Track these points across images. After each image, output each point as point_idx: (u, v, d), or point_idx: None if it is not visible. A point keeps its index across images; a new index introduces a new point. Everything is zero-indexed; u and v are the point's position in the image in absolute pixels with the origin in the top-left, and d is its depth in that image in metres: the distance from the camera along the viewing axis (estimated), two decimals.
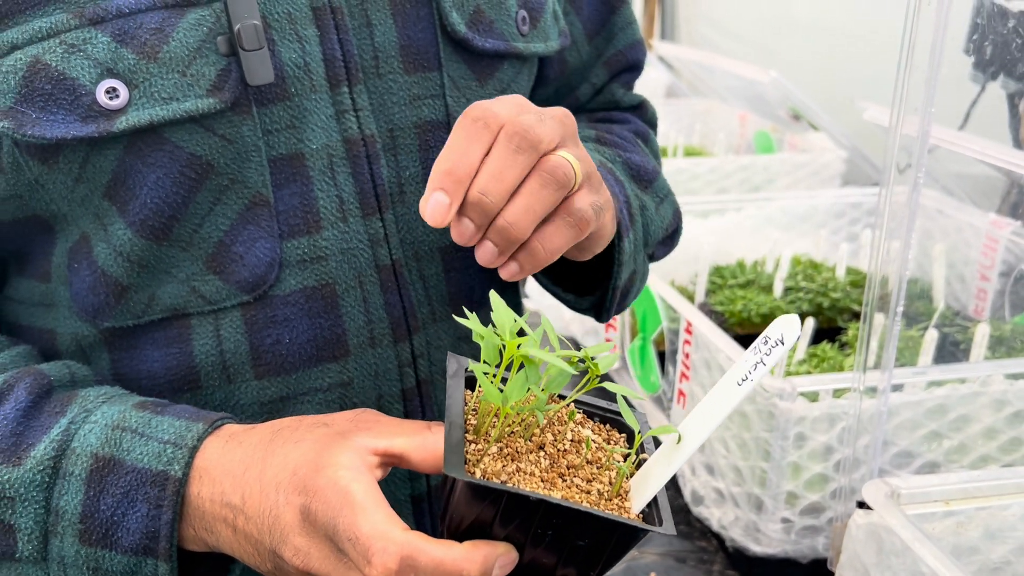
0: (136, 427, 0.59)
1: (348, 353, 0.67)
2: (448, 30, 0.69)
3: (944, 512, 0.94)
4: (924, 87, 0.97)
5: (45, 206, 0.63)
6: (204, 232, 0.63)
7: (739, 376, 0.53)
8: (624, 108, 0.91)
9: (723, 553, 1.30)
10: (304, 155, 0.64)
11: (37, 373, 0.62)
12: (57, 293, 0.66)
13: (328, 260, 0.65)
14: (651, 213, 0.79)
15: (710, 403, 0.54)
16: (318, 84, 0.64)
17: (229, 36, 0.60)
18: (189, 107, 0.59)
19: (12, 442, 0.58)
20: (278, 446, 0.56)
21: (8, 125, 0.58)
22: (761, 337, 0.53)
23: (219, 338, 0.65)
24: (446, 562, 0.49)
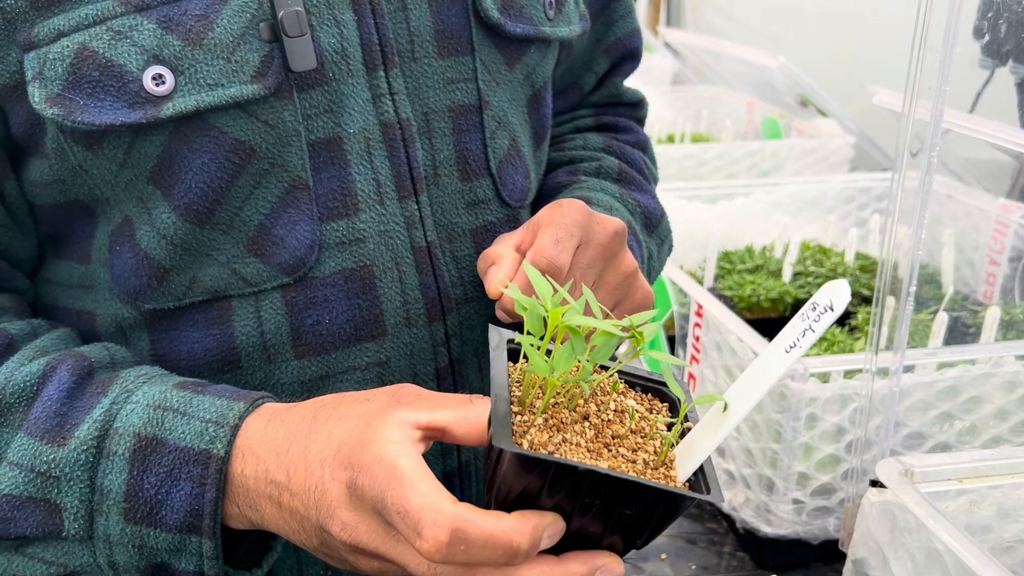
0: (178, 406, 0.60)
1: (385, 333, 0.68)
2: (481, 15, 0.70)
3: (957, 491, 0.94)
4: (938, 70, 0.97)
5: (88, 191, 0.64)
6: (245, 215, 0.64)
7: (787, 343, 0.52)
8: (625, 103, 0.94)
9: (733, 534, 1.31)
10: (342, 139, 0.65)
11: (78, 355, 0.63)
12: (97, 275, 0.67)
13: (366, 242, 0.67)
14: (655, 261, 0.84)
15: (756, 370, 0.53)
16: (355, 68, 0.65)
17: (272, 23, 0.61)
18: (234, 93, 0.61)
19: (56, 422, 0.59)
20: (321, 422, 0.56)
21: (57, 112, 0.59)
22: (809, 303, 0.53)
23: (260, 319, 0.66)
24: (496, 533, 0.49)
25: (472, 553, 0.49)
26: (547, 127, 0.82)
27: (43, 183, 0.64)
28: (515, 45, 0.73)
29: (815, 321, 0.52)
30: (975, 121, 1.18)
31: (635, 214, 0.81)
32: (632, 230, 0.78)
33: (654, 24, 3.40)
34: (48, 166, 0.63)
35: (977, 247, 1.61)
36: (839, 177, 1.93)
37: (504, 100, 0.74)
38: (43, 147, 0.62)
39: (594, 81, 0.91)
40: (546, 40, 0.76)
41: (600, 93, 0.93)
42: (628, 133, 0.92)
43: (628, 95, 0.94)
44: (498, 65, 0.73)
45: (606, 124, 0.92)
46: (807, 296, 1.54)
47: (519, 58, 0.74)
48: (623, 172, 0.86)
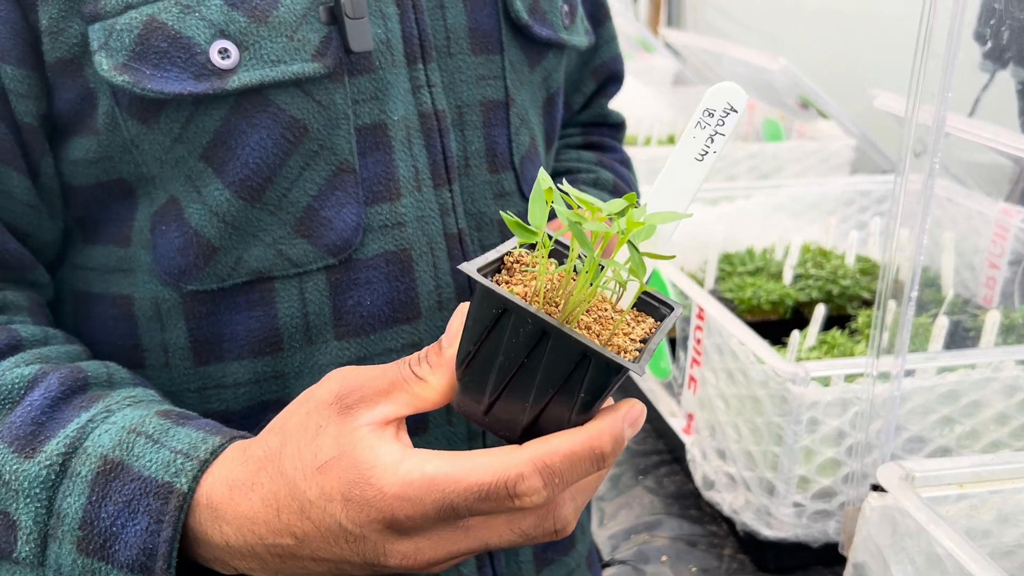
0: (152, 433, 0.56)
1: (420, 315, 0.70)
2: (512, 16, 0.74)
3: (958, 495, 0.95)
4: (941, 74, 0.97)
5: (134, 168, 0.65)
6: (293, 196, 0.66)
7: (695, 152, 0.51)
8: (610, 124, 1.00)
9: (734, 537, 1.31)
10: (387, 126, 0.68)
11: (75, 368, 0.61)
12: (137, 257, 0.67)
13: (406, 227, 0.69)
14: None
15: (670, 187, 0.51)
16: (397, 59, 0.68)
17: (330, 6, 0.63)
18: (296, 70, 0.63)
19: (31, 431, 0.57)
20: (299, 479, 0.52)
21: (128, 79, 0.60)
22: (703, 110, 0.50)
23: (304, 300, 0.67)
24: (578, 449, 0.48)
25: (568, 477, 0.48)
26: (557, 131, 0.85)
27: (87, 161, 0.64)
28: (538, 48, 0.77)
29: (720, 125, 0.50)
30: (976, 125, 1.19)
31: None
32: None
33: (655, 24, 3.40)
34: (96, 142, 0.63)
35: (977, 251, 1.62)
36: (840, 180, 1.93)
37: (526, 99, 0.77)
38: (93, 123, 0.63)
39: (582, 101, 0.96)
40: (563, 46, 0.80)
41: (587, 113, 0.98)
42: (614, 152, 0.97)
43: (612, 116, 1.00)
44: (522, 65, 0.76)
45: (594, 143, 0.97)
46: (808, 299, 1.54)
47: (539, 61, 0.78)
48: (617, 186, 0.90)
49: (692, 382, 1.43)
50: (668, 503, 1.40)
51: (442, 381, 0.52)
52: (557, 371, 0.49)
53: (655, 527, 1.34)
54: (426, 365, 0.52)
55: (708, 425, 1.35)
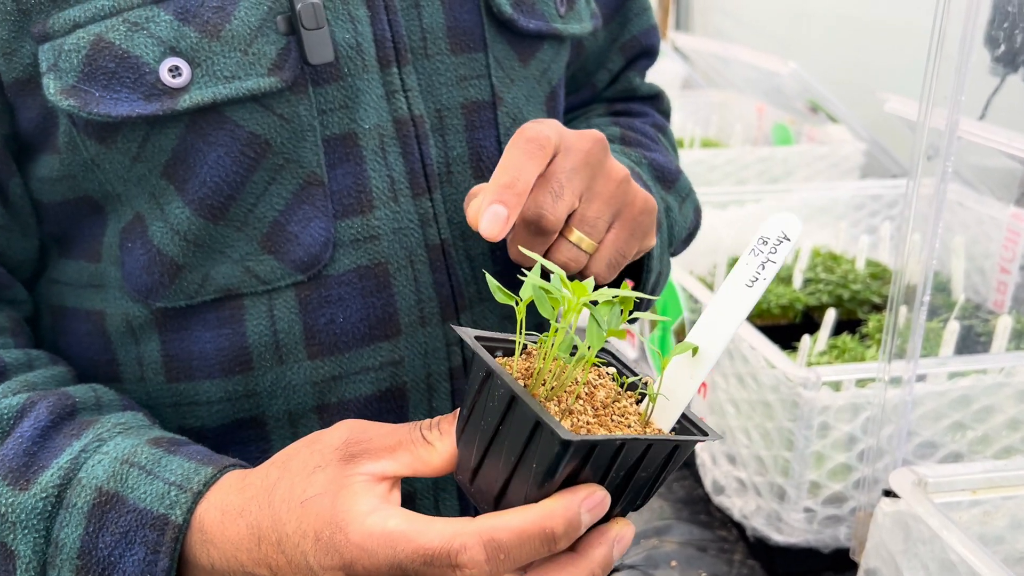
0: (145, 463, 0.57)
1: (399, 332, 0.67)
2: (494, 11, 0.70)
3: (970, 501, 0.94)
4: (954, 77, 0.97)
5: (99, 186, 0.63)
6: (259, 212, 0.63)
7: (747, 278, 0.51)
8: (641, 98, 0.92)
9: (744, 542, 1.30)
10: (357, 135, 0.65)
11: (62, 394, 0.61)
12: (107, 273, 0.67)
13: (380, 240, 0.66)
14: (675, 214, 0.80)
15: (719, 310, 0.52)
16: (369, 64, 0.65)
17: (288, 15, 0.61)
18: (251, 86, 0.60)
19: (24, 462, 0.57)
20: (283, 512, 0.53)
21: (73, 103, 0.58)
22: (758, 238, 0.52)
23: (273, 318, 0.65)
24: (527, 527, 0.47)
25: (515, 555, 0.47)
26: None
27: (52, 179, 0.63)
28: (528, 41, 0.73)
29: (772, 253, 0.51)
30: (988, 129, 1.18)
31: (641, 165, 0.78)
32: (634, 172, 0.74)
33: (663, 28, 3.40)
34: (59, 161, 0.62)
35: (988, 255, 1.61)
36: (850, 184, 1.93)
37: (520, 97, 0.73)
38: (54, 142, 0.61)
39: (608, 79, 0.90)
40: (558, 36, 0.75)
41: (614, 89, 0.91)
42: (643, 117, 0.89)
43: (644, 89, 0.92)
44: (512, 62, 0.72)
45: (618, 111, 0.90)
46: (818, 303, 1.54)
47: (533, 54, 0.74)
48: (626, 136, 0.83)
49: (702, 386, 1.43)
50: (678, 508, 1.39)
51: (448, 448, 0.53)
52: (518, 440, 0.49)
53: (664, 532, 1.33)
54: (436, 431, 0.54)
55: (718, 429, 1.35)
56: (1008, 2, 1.06)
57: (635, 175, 0.75)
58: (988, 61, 1.47)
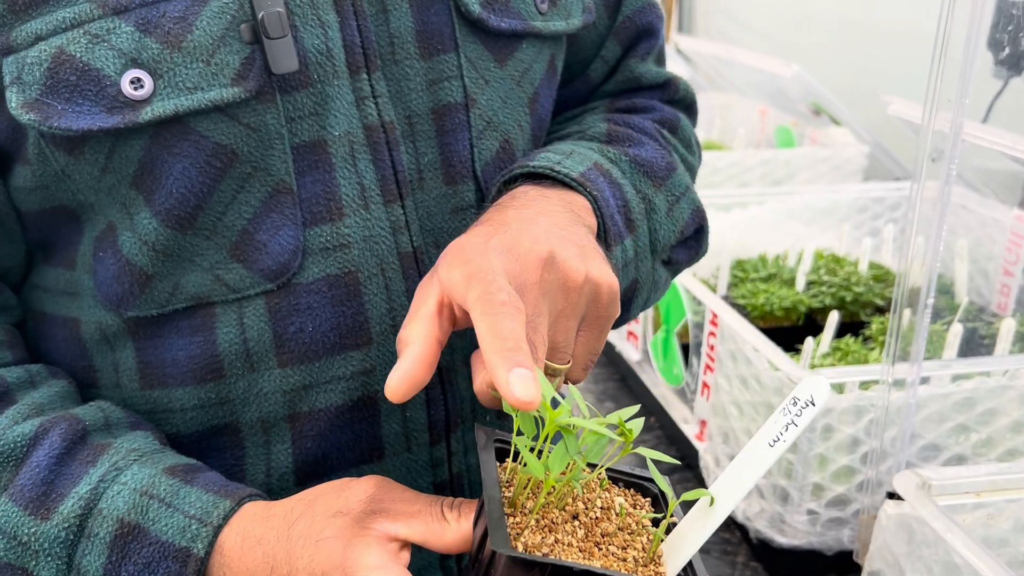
0: (164, 496, 0.59)
1: (370, 341, 0.67)
2: (463, 11, 0.68)
3: (974, 504, 0.94)
4: (958, 80, 0.97)
5: (72, 196, 0.63)
6: (228, 220, 0.63)
7: (771, 437, 0.53)
8: (647, 87, 0.85)
9: (747, 544, 1.31)
10: (327, 142, 0.64)
11: (72, 419, 0.62)
12: (82, 282, 0.66)
13: (351, 248, 0.65)
14: (660, 216, 0.75)
15: (741, 465, 0.54)
16: (339, 70, 0.64)
17: (252, 23, 0.59)
18: (214, 96, 0.59)
19: (42, 491, 0.59)
20: (298, 545, 0.56)
21: (34, 117, 0.58)
22: (789, 398, 0.53)
23: (243, 326, 0.65)
24: None
25: None
26: (546, 124, 0.79)
27: (27, 189, 0.63)
28: (503, 41, 0.70)
29: (797, 416, 0.53)
30: (991, 132, 1.18)
31: (618, 161, 0.74)
32: (601, 171, 0.71)
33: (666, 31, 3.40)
34: (31, 172, 0.62)
35: (991, 258, 1.61)
36: (853, 186, 1.93)
37: (495, 99, 0.71)
38: (25, 153, 0.61)
39: (605, 70, 0.84)
40: (537, 35, 0.72)
41: (614, 81, 0.85)
42: (648, 112, 0.82)
43: (648, 77, 0.84)
44: (486, 62, 0.70)
45: (620, 107, 0.83)
46: (820, 305, 1.54)
47: (510, 54, 0.71)
48: (613, 132, 0.77)
49: (705, 388, 1.43)
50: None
51: (462, 531, 0.55)
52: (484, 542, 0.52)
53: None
54: (456, 512, 0.56)
55: (721, 431, 1.35)
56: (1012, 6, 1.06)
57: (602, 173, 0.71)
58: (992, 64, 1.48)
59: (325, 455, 0.68)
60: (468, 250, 0.58)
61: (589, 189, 0.68)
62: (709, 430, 1.38)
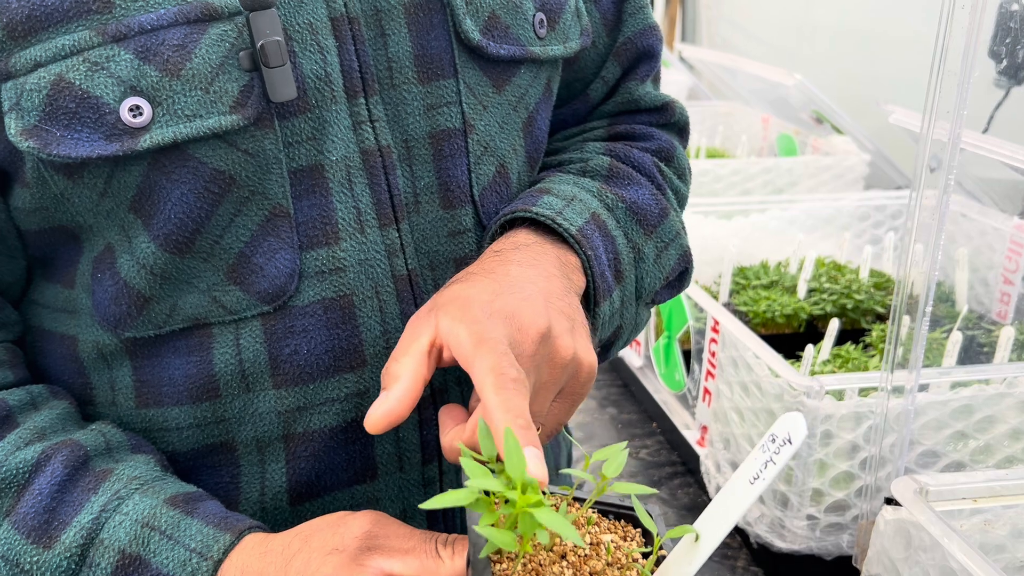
0: (165, 528, 0.60)
1: (365, 363, 0.67)
2: (462, 37, 0.68)
3: (972, 510, 0.95)
4: (956, 90, 0.98)
5: (71, 217, 0.63)
6: (225, 243, 0.63)
7: (751, 475, 0.54)
8: (645, 109, 0.86)
9: (747, 549, 1.31)
10: (324, 167, 0.64)
11: (74, 444, 0.63)
12: (80, 300, 0.67)
13: (346, 271, 0.66)
14: (648, 264, 0.76)
15: (723, 502, 0.55)
16: (337, 95, 0.64)
17: (252, 51, 0.60)
18: (212, 124, 0.59)
19: (45, 519, 0.60)
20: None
21: (33, 145, 0.58)
22: (768, 435, 0.54)
23: (239, 348, 0.65)
24: None
25: None
26: (542, 148, 0.79)
27: (27, 210, 0.64)
28: (502, 67, 0.71)
29: (775, 453, 0.54)
30: (991, 141, 1.20)
31: (615, 208, 0.75)
32: (598, 223, 0.72)
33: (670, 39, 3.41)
34: (30, 194, 0.62)
35: (991, 266, 1.62)
36: (854, 195, 1.94)
37: (492, 125, 0.72)
38: (23, 176, 0.61)
39: (604, 90, 0.85)
40: (536, 60, 0.73)
41: (613, 102, 0.85)
42: (646, 140, 0.83)
43: (647, 100, 0.85)
44: (484, 88, 0.71)
45: (619, 133, 0.84)
46: (822, 312, 1.55)
47: (508, 80, 0.72)
48: (614, 169, 0.78)
49: (706, 394, 1.44)
50: (682, 515, 1.40)
51: (455, 568, 0.56)
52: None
53: None
54: (450, 549, 0.57)
55: (722, 437, 1.36)
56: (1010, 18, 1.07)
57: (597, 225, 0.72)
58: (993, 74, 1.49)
59: (319, 475, 0.69)
60: (474, 308, 0.59)
61: (584, 248, 0.69)
62: (710, 436, 1.39)
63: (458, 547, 0.57)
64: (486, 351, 0.56)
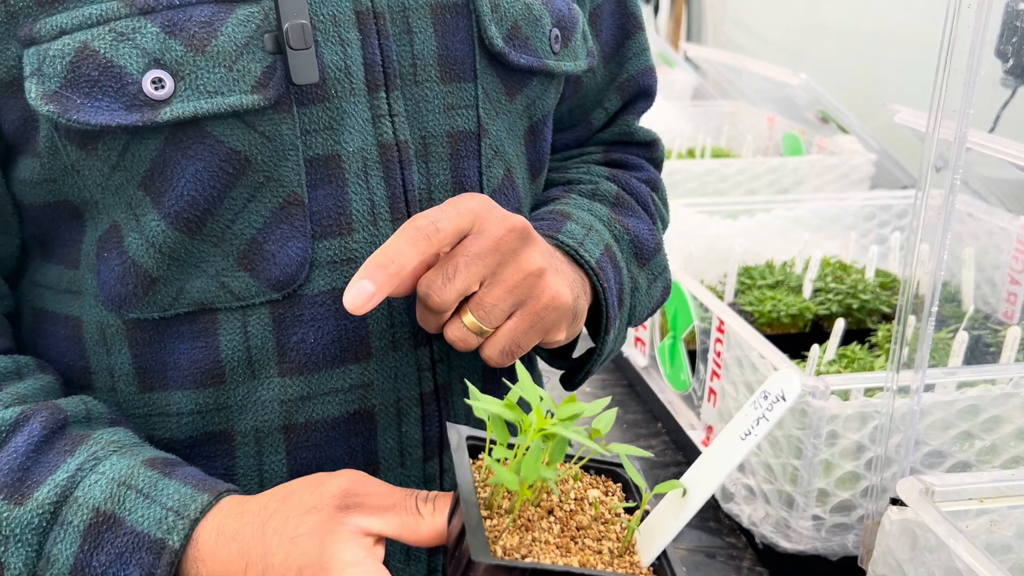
0: (142, 487, 0.59)
1: (370, 355, 0.67)
2: (486, 43, 0.70)
3: (977, 510, 0.95)
4: (962, 90, 0.98)
5: (78, 192, 0.64)
6: (237, 228, 0.64)
7: (742, 431, 0.54)
8: (637, 142, 0.92)
9: (752, 550, 1.31)
10: (340, 157, 0.65)
11: (54, 408, 0.62)
12: (85, 281, 0.67)
13: (357, 262, 0.66)
14: (641, 294, 0.80)
15: (713, 457, 0.54)
16: (357, 87, 0.65)
17: (276, 34, 0.60)
18: (233, 102, 0.60)
19: (18, 477, 0.59)
20: (273, 542, 0.56)
21: (53, 109, 0.58)
22: (760, 392, 0.54)
23: (246, 334, 0.65)
24: None
25: None
26: (544, 161, 0.81)
27: (33, 182, 0.64)
28: (518, 76, 0.73)
29: (768, 410, 0.53)
30: (998, 141, 1.19)
31: (621, 240, 0.79)
32: (610, 255, 0.76)
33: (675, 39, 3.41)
34: (39, 164, 0.62)
35: (998, 266, 1.62)
36: (860, 194, 1.94)
37: (502, 130, 0.73)
38: (35, 145, 0.62)
39: (604, 118, 0.90)
40: (550, 73, 0.75)
41: (611, 131, 0.91)
42: (638, 171, 0.90)
43: (640, 134, 0.92)
44: (499, 95, 0.72)
45: (615, 160, 0.90)
46: (827, 312, 1.55)
47: (520, 89, 0.74)
48: (620, 198, 0.83)
49: (711, 394, 1.43)
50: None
51: (436, 524, 0.56)
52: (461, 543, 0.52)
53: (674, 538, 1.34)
54: (431, 505, 0.57)
55: None
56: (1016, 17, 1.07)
57: (609, 257, 0.75)
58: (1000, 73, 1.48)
59: (319, 467, 0.69)
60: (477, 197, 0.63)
61: (600, 280, 0.72)
62: (715, 435, 1.39)
63: (439, 504, 0.57)
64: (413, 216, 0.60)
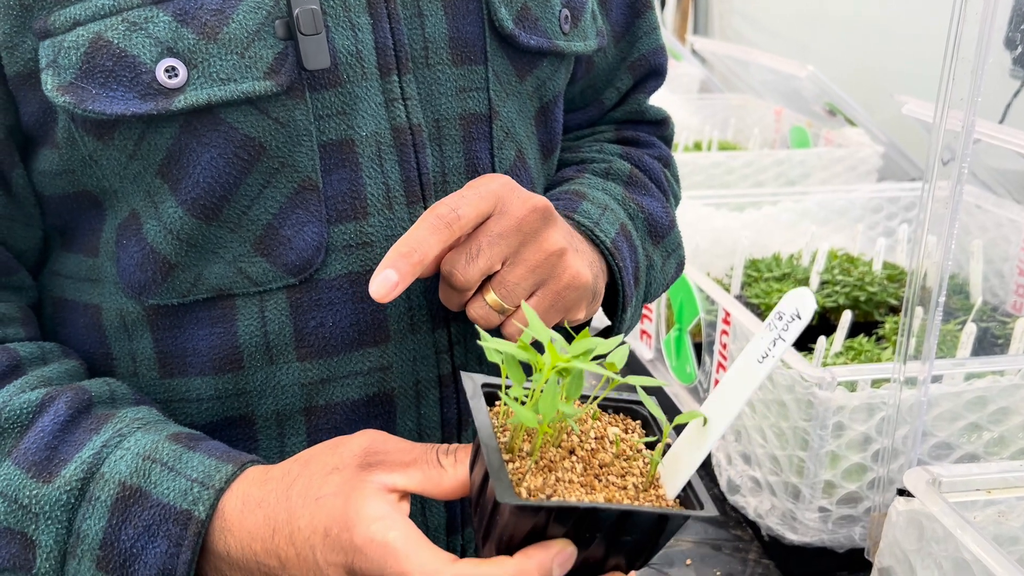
0: (167, 460, 0.60)
1: (388, 338, 0.68)
2: (496, 25, 0.70)
3: (985, 501, 0.94)
4: (970, 80, 0.97)
5: (96, 182, 0.64)
6: (253, 214, 0.64)
7: (759, 354, 0.53)
8: (649, 121, 0.93)
9: (759, 542, 1.31)
10: (354, 141, 0.65)
11: (79, 388, 0.63)
12: (104, 269, 0.68)
13: (373, 246, 0.66)
14: (656, 271, 0.80)
15: (731, 383, 0.54)
16: (369, 72, 0.65)
17: (287, 20, 0.61)
18: (246, 89, 0.60)
19: (46, 455, 0.60)
20: (297, 505, 0.56)
21: (69, 100, 0.59)
22: (775, 313, 0.53)
23: (264, 319, 0.66)
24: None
25: None
26: (556, 141, 0.82)
27: (52, 173, 0.65)
28: (528, 57, 0.73)
29: (784, 330, 0.52)
30: (1007, 132, 1.18)
31: (636, 218, 0.80)
32: (626, 234, 0.76)
33: (682, 32, 3.40)
34: (58, 155, 0.63)
35: (1007, 258, 1.61)
36: (867, 187, 1.93)
37: (512, 111, 0.74)
38: (54, 136, 0.62)
39: (616, 97, 0.90)
40: (560, 54, 0.75)
41: (622, 110, 0.92)
42: (650, 148, 0.91)
43: (652, 112, 0.93)
44: (509, 76, 0.73)
45: (627, 138, 0.91)
46: (835, 305, 1.55)
47: (531, 70, 0.74)
48: (633, 176, 0.84)
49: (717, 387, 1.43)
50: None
51: (459, 476, 0.56)
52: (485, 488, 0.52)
53: (680, 530, 1.34)
54: (452, 458, 0.57)
55: (733, 429, 1.35)
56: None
57: (624, 236, 0.75)
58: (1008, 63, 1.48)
59: None
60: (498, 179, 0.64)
61: (616, 260, 0.73)
62: None
63: (460, 455, 0.57)
64: (435, 204, 0.62)
